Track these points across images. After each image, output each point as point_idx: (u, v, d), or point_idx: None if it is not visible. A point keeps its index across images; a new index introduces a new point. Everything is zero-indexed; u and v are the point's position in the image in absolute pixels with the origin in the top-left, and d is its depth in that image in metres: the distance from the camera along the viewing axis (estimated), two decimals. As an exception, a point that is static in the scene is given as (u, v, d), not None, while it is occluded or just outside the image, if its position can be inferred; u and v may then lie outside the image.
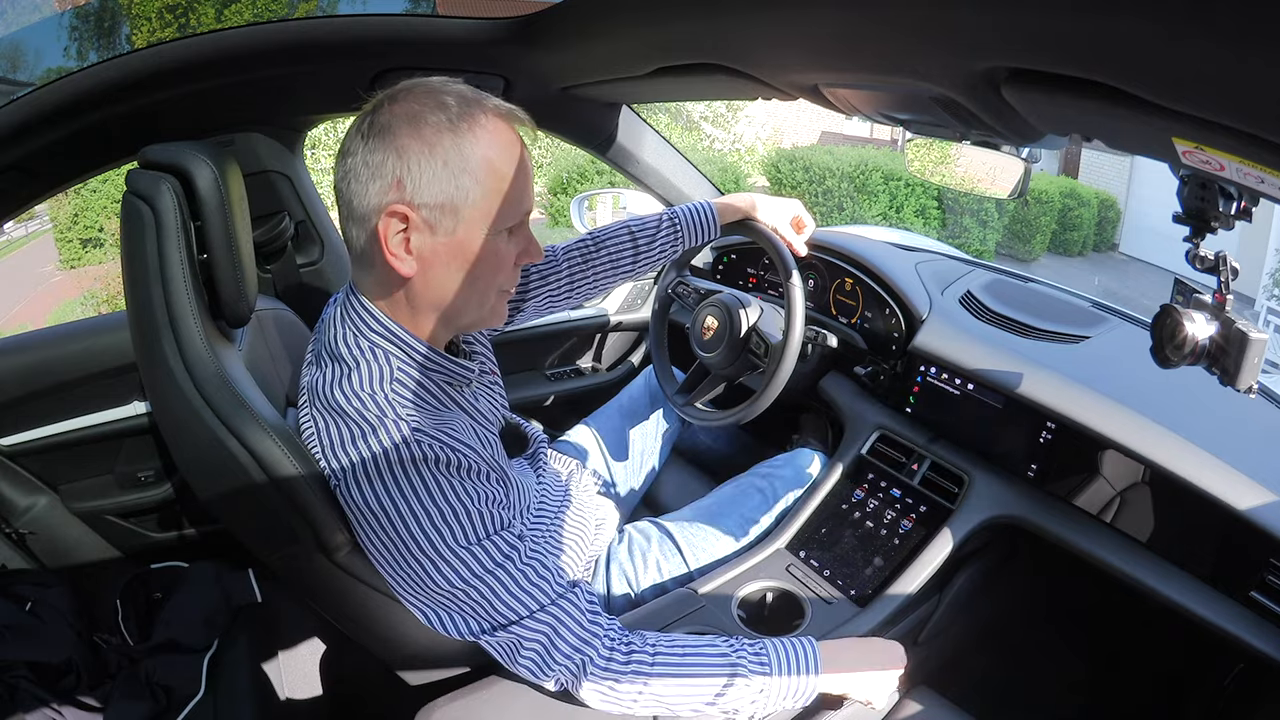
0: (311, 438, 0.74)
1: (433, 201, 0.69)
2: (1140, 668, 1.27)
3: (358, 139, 0.70)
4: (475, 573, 0.71)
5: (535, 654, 0.73)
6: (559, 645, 0.73)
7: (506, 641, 0.74)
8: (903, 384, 1.23)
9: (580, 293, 1.14)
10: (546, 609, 0.73)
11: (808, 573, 1.04)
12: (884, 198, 8.04)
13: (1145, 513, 0.96)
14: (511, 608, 0.72)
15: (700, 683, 0.76)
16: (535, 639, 0.73)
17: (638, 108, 1.39)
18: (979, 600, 1.13)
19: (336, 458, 0.71)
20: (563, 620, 0.74)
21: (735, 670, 0.77)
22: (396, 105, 0.69)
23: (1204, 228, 0.66)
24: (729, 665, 0.77)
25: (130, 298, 0.79)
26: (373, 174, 0.68)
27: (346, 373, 0.73)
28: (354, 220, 0.71)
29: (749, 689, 0.77)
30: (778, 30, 0.69)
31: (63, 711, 1.02)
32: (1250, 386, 0.65)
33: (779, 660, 0.79)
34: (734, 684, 0.76)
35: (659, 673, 0.75)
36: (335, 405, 0.72)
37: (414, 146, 0.68)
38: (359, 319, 0.75)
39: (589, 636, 0.74)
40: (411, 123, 0.68)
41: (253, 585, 1.21)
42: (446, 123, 0.68)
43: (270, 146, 1.26)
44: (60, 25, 7.01)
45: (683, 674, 0.75)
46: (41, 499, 1.31)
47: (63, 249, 8.03)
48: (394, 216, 0.69)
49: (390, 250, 0.69)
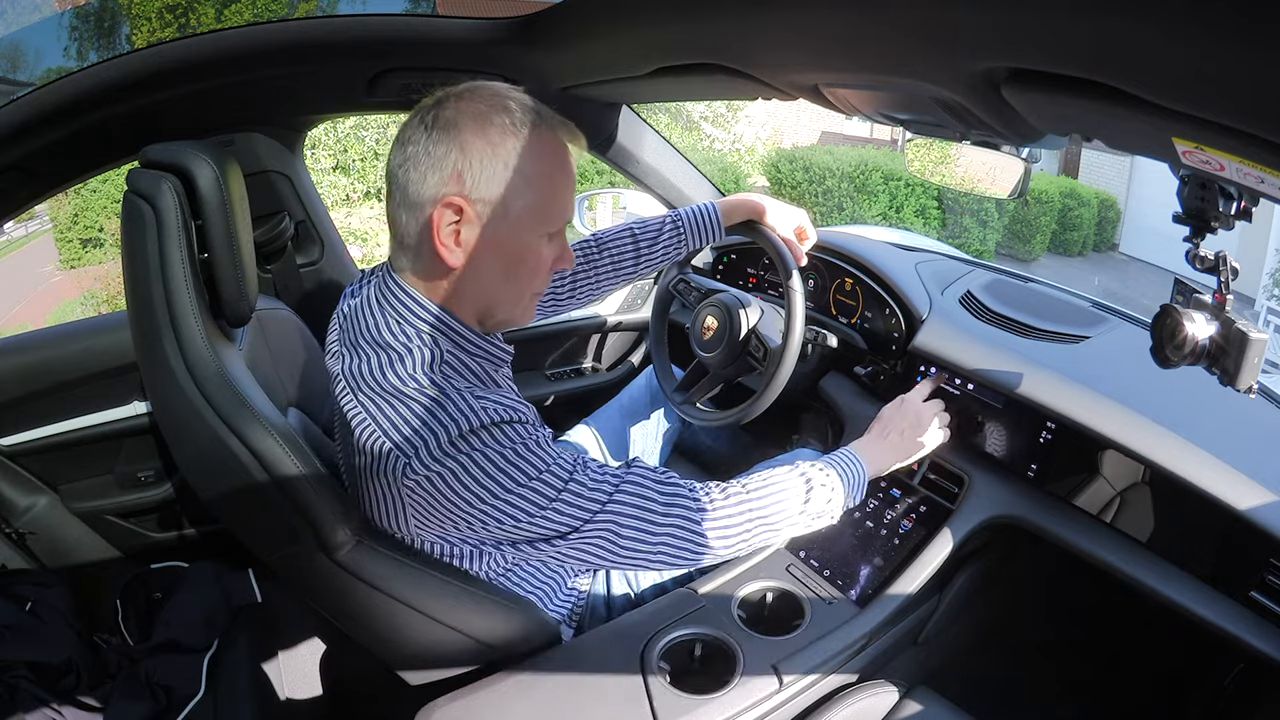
0: (365, 423, 0.72)
1: (488, 198, 0.72)
2: (1140, 668, 1.27)
3: (420, 129, 0.72)
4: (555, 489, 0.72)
5: (634, 528, 0.76)
6: (652, 509, 0.76)
7: (601, 532, 0.75)
8: (903, 384, 1.23)
9: (583, 294, 1.15)
10: (623, 486, 0.76)
11: (808, 572, 1.04)
12: (884, 198, 8.04)
13: (1145, 513, 0.96)
14: (594, 499, 0.74)
15: (788, 495, 0.86)
16: (628, 512, 0.75)
17: (638, 108, 1.39)
18: (979, 600, 1.13)
19: (400, 432, 0.70)
20: (645, 485, 0.77)
21: (807, 480, 0.88)
22: (463, 103, 0.72)
23: (1204, 228, 0.66)
24: (803, 479, 0.88)
25: (131, 297, 0.79)
26: (434, 164, 0.71)
27: (398, 358, 0.73)
28: (407, 206, 0.73)
29: (823, 489, 0.88)
30: (778, 30, 0.69)
31: (63, 711, 1.02)
32: (1250, 386, 0.65)
33: (835, 463, 0.92)
34: (811, 489, 0.87)
35: (755, 497, 0.84)
36: (391, 388, 0.71)
37: (478, 144, 0.71)
38: (403, 306, 0.76)
39: (674, 490, 0.79)
40: (478, 121, 0.71)
41: (253, 585, 1.21)
42: (511, 126, 0.72)
43: (270, 146, 1.26)
44: (60, 25, 7.02)
45: (772, 493, 0.85)
46: (41, 499, 1.31)
47: (63, 249, 8.02)
48: (449, 208, 0.71)
49: (441, 240, 0.72)
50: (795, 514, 0.86)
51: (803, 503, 0.87)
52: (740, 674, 0.87)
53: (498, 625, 0.82)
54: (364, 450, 0.72)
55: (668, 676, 0.86)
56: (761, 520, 0.84)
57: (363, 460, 0.73)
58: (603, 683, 0.83)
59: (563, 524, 0.73)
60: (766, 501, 0.84)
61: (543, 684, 0.83)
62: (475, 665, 0.84)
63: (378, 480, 0.73)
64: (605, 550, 0.76)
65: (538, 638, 0.86)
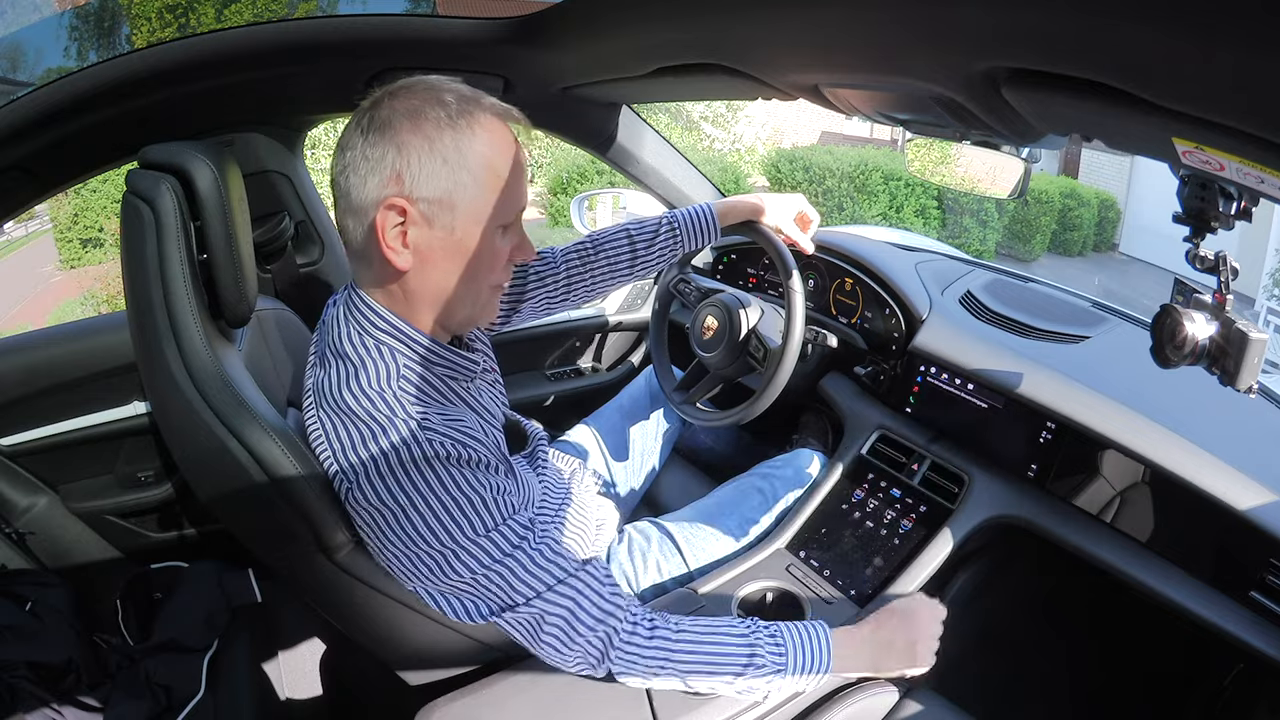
0: (320, 440, 0.74)
1: (430, 196, 0.70)
2: (1140, 668, 1.27)
3: (356, 133, 0.70)
4: (494, 558, 0.72)
5: (558, 629, 0.74)
6: (581, 618, 0.74)
7: (528, 618, 0.74)
8: (903, 384, 1.23)
9: (577, 295, 1.14)
10: (566, 582, 0.74)
11: (808, 573, 1.04)
12: (884, 198, 8.04)
13: (1145, 513, 0.96)
14: (530, 585, 0.73)
15: (721, 661, 0.78)
16: (558, 613, 0.74)
17: (638, 108, 1.39)
18: (979, 600, 1.13)
19: (347, 458, 0.71)
20: (583, 593, 0.75)
21: (754, 652, 0.78)
22: (397, 101, 0.70)
23: (1204, 228, 0.66)
24: (748, 646, 0.78)
25: (130, 298, 0.79)
26: (372, 168, 0.69)
27: (353, 371, 0.73)
28: (351, 213, 0.72)
29: (764, 671, 0.78)
30: (778, 30, 0.69)
31: (63, 711, 1.02)
32: (1250, 386, 0.65)
33: (794, 646, 0.81)
34: (752, 665, 0.78)
35: (682, 648, 0.77)
36: (344, 406, 0.72)
37: (414, 142, 0.69)
38: (362, 316, 0.75)
39: (611, 608, 0.76)
40: (412, 118, 0.69)
41: (253, 585, 1.20)
42: (446, 119, 0.69)
43: (270, 146, 1.26)
44: (60, 25, 7.00)
45: (704, 651, 0.77)
46: (41, 499, 1.31)
47: (63, 249, 8.02)
48: (392, 210, 0.69)
49: (387, 244, 0.70)
50: (721, 682, 0.78)
51: (735, 674, 0.78)
52: None
53: (497, 625, 0.82)
54: (322, 465, 0.74)
55: (668, 677, 0.86)
56: (681, 671, 0.77)
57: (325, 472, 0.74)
58: (603, 683, 0.82)
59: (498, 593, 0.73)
60: (694, 659, 0.77)
61: (543, 684, 0.83)
62: (475, 665, 0.84)
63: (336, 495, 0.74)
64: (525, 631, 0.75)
65: (538, 638, 0.86)
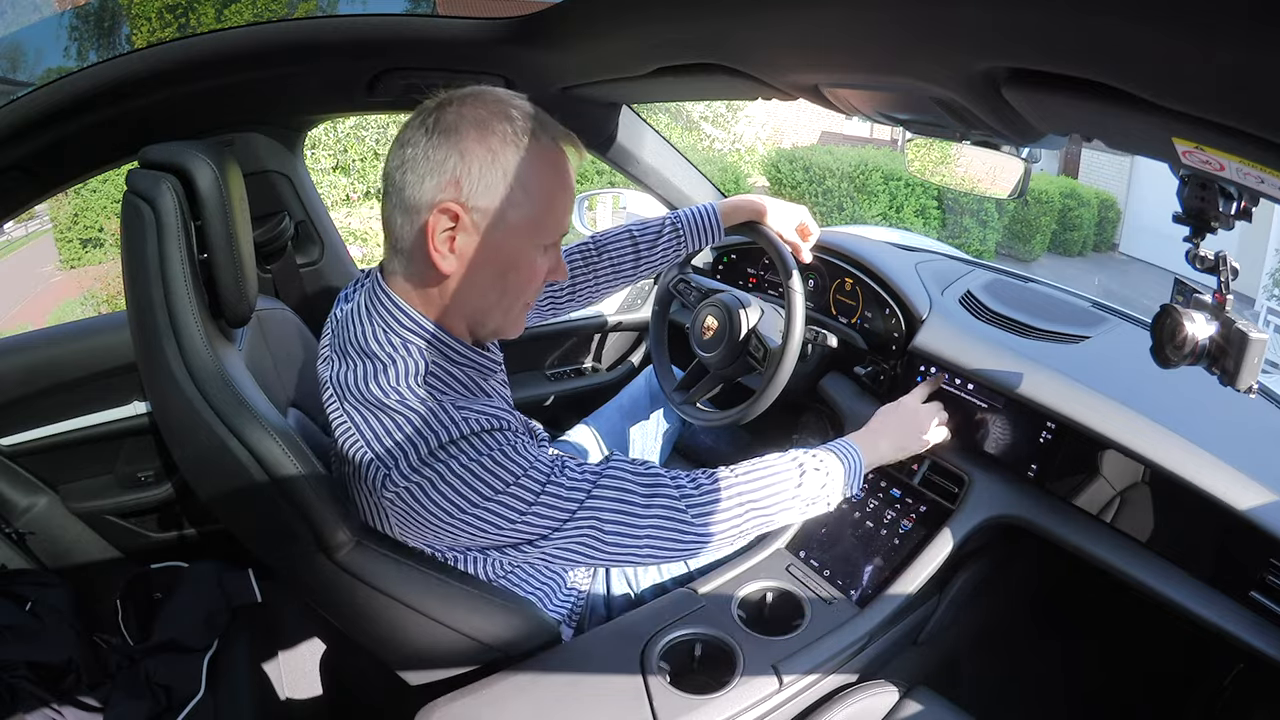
0: (350, 433, 0.72)
1: (485, 206, 0.71)
2: (1140, 668, 1.27)
3: (420, 131, 0.71)
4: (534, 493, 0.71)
5: (617, 523, 0.74)
6: (634, 500, 0.75)
7: (582, 533, 0.73)
8: (903, 384, 1.23)
9: (581, 297, 1.15)
10: (601, 483, 0.74)
11: (808, 573, 1.04)
12: (884, 198, 8.04)
13: (1145, 513, 0.96)
14: (572, 498, 0.73)
15: (778, 475, 0.85)
16: (608, 508, 0.74)
17: (638, 108, 1.39)
18: (979, 600, 1.13)
19: (382, 444, 0.70)
20: (621, 478, 0.75)
21: (799, 460, 0.87)
22: (465, 108, 0.71)
23: (1204, 228, 0.66)
24: (790, 459, 0.87)
25: (130, 297, 0.79)
26: (432, 168, 0.70)
27: (381, 368, 0.73)
28: (403, 210, 0.72)
29: (816, 476, 0.86)
30: (778, 30, 0.69)
31: (63, 711, 1.02)
32: (1250, 386, 0.65)
33: (827, 451, 0.90)
34: (803, 469, 0.86)
35: (741, 478, 0.82)
36: (373, 399, 0.71)
37: (478, 151, 0.70)
38: (388, 314, 0.75)
39: (653, 478, 0.77)
40: (479, 128, 0.70)
41: (253, 585, 1.20)
42: (513, 135, 0.71)
43: (270, 146, 1.26)
44: (60, 25, 7.00)
45: (759, 471, 0.84)
46: (41, 499, 1.31)
47: (63, 249, 8.01)
48: (445, 214, 0.70)
49: (435, 246, 0.71)
50: (789, 498, 0.84)
51: (796, 486, 0.85)
52: (740, 674, 0.87)
53: (498, 625, 0.82)
54: (348, 459, 0.73)
55: (668, 676, 0.86)
56: (752, 505, 0.82)
57: (348, 469, 0.74)
58: (603, 683, 0.83)
59: (543, 526, 0.72)
60: (757, 485, 0.82)
61: (543, 684, 0.83)
62: (475, 665, 0.84)
63: (360, 489, 0.73)
64: (591, 548, 0.74)
65: (538, 638, 0.86)
